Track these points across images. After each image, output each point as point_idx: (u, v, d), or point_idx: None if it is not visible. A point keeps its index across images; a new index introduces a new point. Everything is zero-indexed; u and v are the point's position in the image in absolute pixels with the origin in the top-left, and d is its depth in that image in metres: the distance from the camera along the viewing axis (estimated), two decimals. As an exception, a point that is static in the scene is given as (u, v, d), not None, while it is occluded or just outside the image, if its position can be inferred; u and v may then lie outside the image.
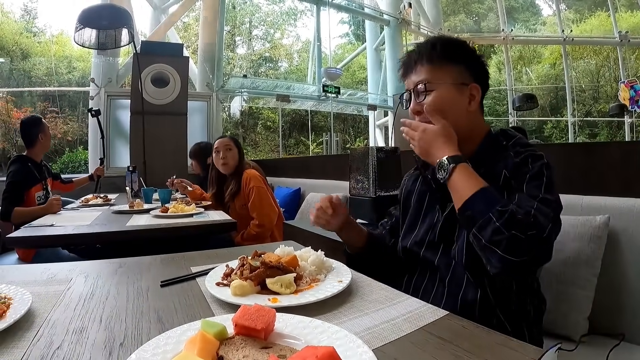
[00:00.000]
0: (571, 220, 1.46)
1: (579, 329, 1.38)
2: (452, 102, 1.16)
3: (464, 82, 1.17)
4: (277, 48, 15.73)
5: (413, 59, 1.22)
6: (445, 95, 1.16)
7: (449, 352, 0.65)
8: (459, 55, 1.19)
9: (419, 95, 1.19)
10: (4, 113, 8.78)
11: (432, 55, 1.18)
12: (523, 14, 16.22)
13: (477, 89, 1.18)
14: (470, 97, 1.18)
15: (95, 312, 0.82)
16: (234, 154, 2.97)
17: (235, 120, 12.82)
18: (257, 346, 0.61)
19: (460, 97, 1.17)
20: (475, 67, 1.21)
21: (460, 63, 1.18)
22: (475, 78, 1.20)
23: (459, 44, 1.22)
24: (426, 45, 1.21)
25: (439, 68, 1.17)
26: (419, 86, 1.18)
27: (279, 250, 1.08)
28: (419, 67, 1.20)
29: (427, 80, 1.17)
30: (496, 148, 1.17)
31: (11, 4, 10.64)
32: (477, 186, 1.01)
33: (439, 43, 1.19)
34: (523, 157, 1.07)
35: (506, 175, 1.08)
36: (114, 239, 2.03)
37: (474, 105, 1.18)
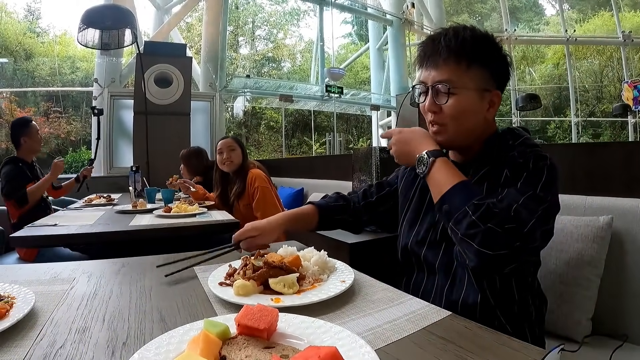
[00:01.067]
0: (574, 221, 1.46)
1: (581, 330, 1.38)
2: (472, 109, 1.10)
3: (487, 88, 1.11)
4: (280, 48, 15.74)
5: (438, 52, 1.10)
6: (467, 101, 1.09)
7: (452, 352, 0.65)
8: (488, 57, 1.11)
9: (437, 94, 1.11)
10: (8, 113, 8.80)
11: (461, 54, 1.08)
12: (526, 14, 16.19)
13: (499, 96, 1.13)
14: (490, 103, 1.12)
15: (98, 311, 0.82)
16: (237, 154, 2.98)
17: (239, 120, 12.84)
18: (259, 346, 0.61)
19: (481, 104, 1.11)
20: (501, 72, 1.13)
21: (487, 66, 1.10)
22: (498, 83, 1.13)
23: (490, 44, 1.12)
24: (456, 39, 1.09)
25: (466, 70, 1.08)
26: (439, 86, 1.09)
27: (282, 250, 1.08)
28: (443, 63, 1.10)
29: (450, 81, 1.08)
30: (502, 147, 1.11)
31: (14, 5, 10.69)
32: (455, 180, 1.00)
33: (470, 39, 1.09)
34: (526, 157, 1.03)
35: (507, 175, 1.04)
36: (117, 238, 2.03)
37: (492, 112, 1.14)
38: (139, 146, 5.23)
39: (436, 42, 1.11)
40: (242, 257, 1.03)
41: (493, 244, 0.88)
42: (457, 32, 1.09)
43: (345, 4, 10.68)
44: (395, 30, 10.57)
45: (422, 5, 10.91)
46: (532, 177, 1.00)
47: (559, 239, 1.44)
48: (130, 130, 5.70)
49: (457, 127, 1.11)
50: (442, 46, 1.09)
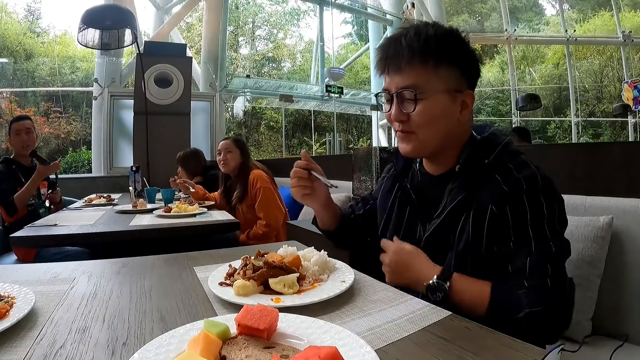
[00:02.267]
0: (574, 221, 1.46)
1: (582, 330, 1.38)
2: (443, 113, 1.01)
3: (458, 88, 1.02)
4: (280, 48, 15.73)
5: (400, 55, 1.00)
6: (438, 105, 1.00)
7: (452, 352, 0.65)
8: (456, 54, 1.01)
9: (403, 102, 1.02)
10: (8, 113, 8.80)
11: (426, 53, 0.98)
12: (526, 14, 16.17)
13: (472, 97, 1.05)
14: (462, 105, 1.04)
15: (99, 311, 0.82)
16: (234, 156, 3.01)
17: (239, 120, 12.82)
18: (259, 346, 0.61)
19: (453, 107, 1.02)
20: (472, 69, 1.05)
21: (456, 64, 1.02)
22: (470, 83, 1.05)
23: (457, 41, 1.03)
24: (418, 37, 0.99)
25: (434, 71, 0.99)
26: (405, 92, 1.00)
27: (282, 251, 1.08)
28: (407, 67, 1.00)
29: (417, 86, 0.99)
30: (479, 164, 1.02)
31: (15, 5, 10.68)
32: (484, 291, 0.93)
33: (434, 39, 0.99)
34: (513, 186, 0.95)
35: (494, 212, 0.96)
36: (117, 238, 2.03)
37: (466, 114, 1.05)
38: (139, 146, 5.23)
39: (397, 43, 1.01)
40: (242, 257, 1.03)
41: (555, 326, 0.91)
42: (418, 30, 1.00)
43: (345, 4, 10.67)
44: (395, 30, 10.56)
45: (422, 5, 10.90)
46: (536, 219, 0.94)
47: (559, 239, 1.44)
48: (130, 130, 5.70)
49: (428, 134, 1.03)
50: (403, 47, 1.00)
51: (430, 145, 1.05)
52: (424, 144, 1.04)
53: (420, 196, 1.15)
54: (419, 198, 1.15)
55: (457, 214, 1.02)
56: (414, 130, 1.03)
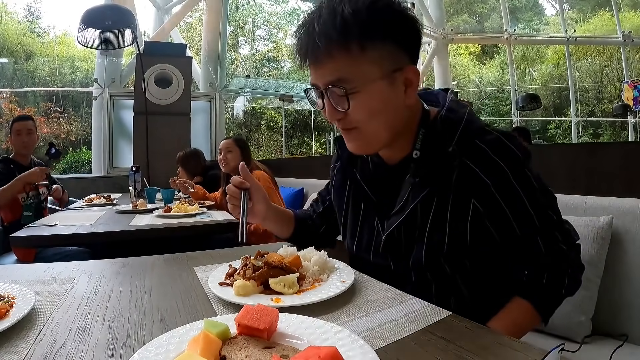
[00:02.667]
0: (574, 221, 1.45)
1: (582, 330, 1.38)
2: (384, 102, 0.87)
3: (396, 67, 0.86)
4: (280, 48, 15.72)
5: (317, 44, 0.83)
6: (374, 96, 0.85)
7: (452, 352, 0.64)
8: (387, 28, 0.84)
9: (336, 99, 0.87)
10: (8, 113, 8.80)
11: (347, 38, 0.82)
12: (526, 14, 16.17)
13: (415, 72, 0.89)
14: (406, 83, 0.89)
15: (99, 311, 0.82)
16: (234, 156, 3.03)
17: (239, 120, 12.82)
18: (259, 346, 0.61)
19: (394, 90, 0.87)
20: (410, 39, 0.88)
21: (388, 39, 0.84)
22: (410, 53, 0.88)
23: (384, 10, 0.84)
24: (333, 22, 0.81)
25: (361, 57, 0.83)
26: (333, 88, 0.86)
27: (282, 251, 1.08)
28: (327, 57, 0.84)
29: (344, 80, 0.84)
30: (440, 151, 0.91)
31: (14, 5, 10.67)
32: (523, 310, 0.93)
33: (352, 17, 0.81)
34: (499, 177, 0.88)
35: (477, 207, 0.90)
36: (117, 238, 2.03)
37: (412, 93, 0.90)
38: (139, 146, 5.24)
39: (310, 29, 0.85)
40: (242, 257, 1.03)
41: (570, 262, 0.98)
42: (332, 11, 0.83)
43: (345, 4, 10.67)
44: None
45: (422, 5, 10.89)
46: (531, 196, 0.91)
47: (559, 239, 1.44)
48: (130, 130, 5.71)
49: (373, 128, 0.90)
50: (317, 34, 0.83)
51: (380, 139, 0.92)
52: (371, 139, 0.92)
53: (375, 188, 1.04)
54: (374, 190, 1.04)
55: (423, 208, 0.93)
56: (355, 126, 0.91)
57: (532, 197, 0.91)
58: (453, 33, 11.42)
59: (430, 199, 0.93)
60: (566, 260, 0.95)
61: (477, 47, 15.91)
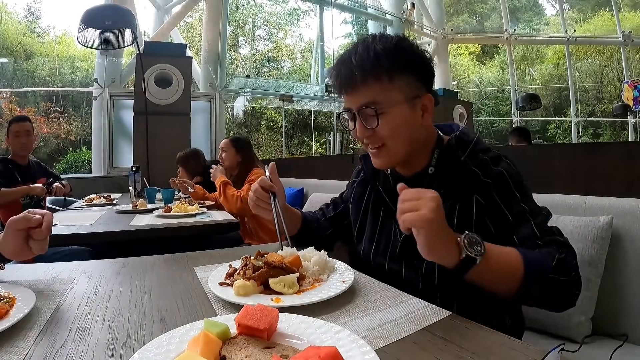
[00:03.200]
0: (574, 221, 1.46)
1: (582, 330, 1.38)
2: (406, 122, 1.04)
3: (416, 94, 1.04)
4: (280, 48, 15.72)
5: (354, 74, 1.03)
6: (399, 116, 1.03)
7: (452, 352, 0.65)
8: (408, 62, 1.04)
9: (366, 118, 1.05)
10: (8, 113, 8.79)
11: (379, 70, 1.01)
12: (526, 14, 16.17)
13: (430, 100, 1.07)
14: (423, 109, 1.06)
15: (99, 311, 0.82)
16: (228, 155, 3.05)
17: (239, 120, 12.82)
18: (259, 346, 0.62)
19: (414, 113, 1.05)
20: (426, 72, 1.08)
21: (410, 72, 1.04)
22: (426, 85, 1.07)
23: (407, 49, 1.04)
24: (368, 56, 1.01)
25: (389, 85, 1.02)
26: (366, 109, 1.03)
27: (282, 251, 1.08)
28: (363, 85, 1.03)
29: (376, 102, 1.02)
30: (453, 161, 1.08)
31: (14, 5, 10.67)
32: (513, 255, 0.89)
33: (383, 53, 1.00)
34: (495, 176, 1.02)
35: (480, 202, 1.02)
36: (117, 238, 2.03)
37: (428, 118, 1.07)
38: (139, 146, 5.24)
39: (348, 62, 1.04)
40: (242, 257, 1.03)
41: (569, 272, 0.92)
42: (366, 48, 1.03)
43: (345, 4, 10.67)
44: (395, 30, 10.55)
45: (422, 5, 10.90)
46: (522, 194, 1.02)
47: (559, 239, 1.44)
48: (130, 130, 5.70)
49: (396, 144, 1.06)
50: (354, 67, 1.02)
51: (400, 154, 1.08)
52: (394, 154, 1.08)
53: (394, 198, 1.07)
54: (392, 200, 1.13)
55: None
56: (382, 143, 1.06)
57: (527, 199, 1.01)
58: (453, 33, 11.43)
59: (443, 200, 0.94)
60: (567, 248, 0.94)
61: (477, 47, 15.92)
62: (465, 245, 0.81)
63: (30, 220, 0.90)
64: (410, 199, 0.81)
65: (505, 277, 0.87)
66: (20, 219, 0.90)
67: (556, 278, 0.87)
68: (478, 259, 0.81)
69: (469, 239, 0.82)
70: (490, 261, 0.83)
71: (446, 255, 0.82)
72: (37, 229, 0.92)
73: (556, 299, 0.92)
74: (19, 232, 0.91)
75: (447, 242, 0.82)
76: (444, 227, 0.82)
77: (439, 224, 0.80)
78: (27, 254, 0.95)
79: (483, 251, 0.82)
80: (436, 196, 0.80)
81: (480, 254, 0.81)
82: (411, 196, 0.82)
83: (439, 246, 0.81)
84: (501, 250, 0.88)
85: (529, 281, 0.85)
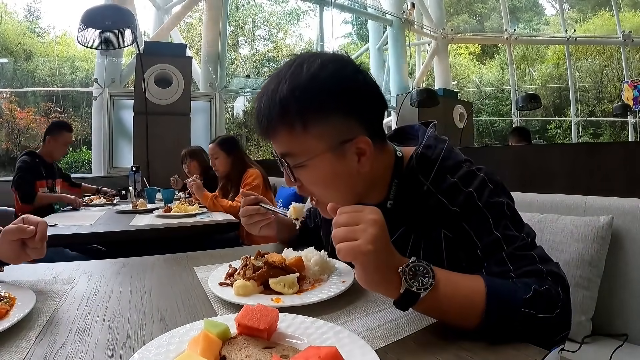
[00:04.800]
0: (575, 221, 1.46)
1: (582, 330, 1.38)
2: (333, 174, 0.86)
3: (344, 138, 0.83)
4: (280, 48, 15.71)
5: (262, 123, 0.85)
6: (321, 168, 0.85)
7: (452, 352, 0.65)
8: (329, 101, 0.82)
9: (286, 170, 0.89)
10: (8, 113, 8.79)
11: (287, 118, 0.81)
12: (526, 14, 16.16)
13: (366, 142, 0.84)
14: (358, 152, 0.85)
15: (99, 311, 0.82)
16: (221, 161, 3.03)
17: (239, 120, 12.81)
18: (259, 346, 0.62)
19: (344, 161, 0.85)
20: (359, 104, 0.85)
21: (334, 111, 0.83)
22: (363, 121, 0.86)
23: (325, 81, 0.81)
24: (273, 103, 0.81)
25: (303, 133, 0.82)
26: (283, 160, 0.87)
27: (285, 252, 1.08)
28: (274, 135, 0.86)
29: (290, 154, 0.85)
30: (415, 192, 0.91)
31: (14, 5, 10.66)
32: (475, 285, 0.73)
33: (292, 96, 0.80)
34: (464, 202, 0.86)
35: (448, 235, 0.88)
36: (117, 238, 2.03)
37: (367, 162, 0.86)
38: (139, 146, 5.23)
39: (258, 106, 0.86)
40: (242, 257, 1.03)
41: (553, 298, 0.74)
42: (275, 88, 0.82)
43: (345, 4, 10.67)
44: (395, 30, 10.56)
45: (422, 5, 10.89)
46: (498, 218, 0.84)
47: (559, 238, 1.44)
48: (130, 130, 5.70)
49: (327, 196, 0.88)
50: (261, 113, 0.85)
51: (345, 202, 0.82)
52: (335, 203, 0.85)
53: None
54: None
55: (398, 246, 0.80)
56: (313, 193, 0.92)
57: (501, 221, 0.83)
58: (453, 33, 11.42)
59: (405, 237, 0.93)
60: (551, 276, 0.77)
61: (477, 47, 15.91)
62: (406, 278, 0.68)
63: (23, 231, 0.90)
64: (345, 224, 0.69)
65: (461, 311, 0.72)
66: (14, 230, 0.90)
67: (532, 314, 0.70)
68: (422, 293, 0.68)
69: (413, 269, 0.69)
70: (439, 293, 0.69)
71: (388, 288, 0.70)
72: (31, 239, 0.91)
73: (535, 337, 0.70)
74: (14, 241, 0.91)
75: (388, 274, 0.69)
76: (386, 257, 0.69)
77: (379, 255, 0.67)
78: (25, 259, 0.95)
79: (431, 283, 0.68)
80: (377, 218, 0.69)
81: (425, 288, 0.68)
82: (346, 220, 0.70)
83: (378, 280, 0.69)
84: (459, 281, 0.74)
85: (491, 317, 0.69)
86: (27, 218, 0.94)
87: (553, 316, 0.71)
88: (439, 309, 0.71)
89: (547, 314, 0.71)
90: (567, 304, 0.75)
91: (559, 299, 0.73)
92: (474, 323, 0.70)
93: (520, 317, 0.70)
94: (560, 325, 0.74)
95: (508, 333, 0.69)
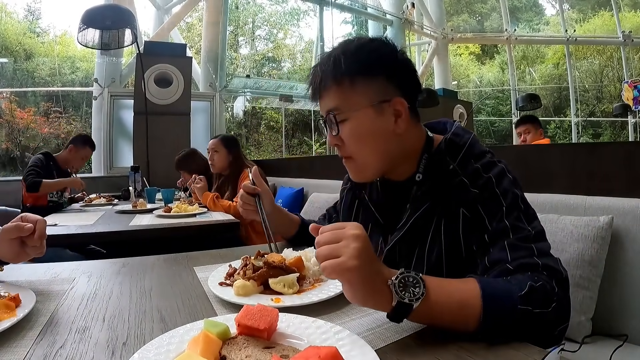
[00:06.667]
0: (575, 221, 1.46)
1: (582, 330, 1.38)
2: (373, 129, 0.96)
3: (384, 98, 0.95)
4: (280, 48, 15.71)
5: (317, 82, 1.00)
6: (363, 122, 0.96)
7: (452, 352, 0.65)
8: (373, 65, 0.96)
9: (330, 125, 0.99)
10: (8, 113, 8.79)
11: (338, 75, 0.96)
12: (526, 14, 16.18)
13: (402, 104, 0.96)
14: (395, 114, 0.96)
15: (99, 311, 0.82)
16: (220, 156, 3.00)
17: (239, 120, 12.82)
18: (259, 346, 0.61)
19: (383, 119, 0.95)
20: (398, 74, 0.98)
21: (377, 74, 0.96)
22: (400, 88, 0.98)
23: (372, 50, 0.97)
24: (328, 61, 0.98)
25: (350, 89, 0.95)
26: (330, 116, 0.98)
27: (286, 252, 1.08)
28: (325, 91, 0.99)
29: (337, 108, 0.96)
30: (442, 169, 0.97)
31: (14, 5, 10.66)
32: (469, 289, 0.73)
33: (343, 56, 0.96)
34: (483, 185, 0.91)
35: (466, 215, 0.92)
36: (117, 238, 2.03)
37: (402, 124, 0.96)
38: (139, 146, 5.24)
39: (315, 70, 1.02)
40: (242, 257, 1.03)
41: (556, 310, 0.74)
42: (330, 54, 0.99)
43: (345, 4, 10.67)
44: (395, 30, 10.56)
45: (422, 5, 10.90)
46: (512, 210, 0.88)
47: (559, 238, 1.44)
48: (130, 130, 5.70)
49: (364, 154, 0.98)
50: (318, 73, 1.00)
51: (371, 167, 1.01)
52: (364, 166, 1.01)
53: (382, 209, 1.11)
54: (381, 211, 1.11)
55: (423, 223, 0.97)
56: (350, 155, 1.00)
57: (513, 211, 0.88)
58: (453, 33, 11.43)
59: (430, 213, 0.97)
60: (548, 271, 0.79)
61: (477, 47, 15.92)
62: (397, 290, 0.68)
63: (22, 229, 0.90)
64: (328, 242, 0.69)
65: (457, 317, 0.71)
66: (12, 228, 0.90)
67: (528, 310, 0.71)
68: (414, 304, 0.67)
69: (403, 280, 0.69)
70: (431, 301, 0.69)
71: (378, 301, 0.69)
72: (30, 237, 0.91)
73: (533, 334, 0.72)
74: (13, 240, 0.91)
75: (377, 287, 0.68)
76: (372, 271, 0.68)
77: (365, 269, 0.67)
78: (25, 258, 0.95)
79: (422, 293, 0.68)
80: (359, 233, 0.69)
81: (417, 298, 0.67)
82: (328, 238, 0.70)
83: (367, 295, 0.68)
84: (451, 287, 0.74)
85: (489, 318, 0.69)
86: (25, 216, 0.94)
87: (549, 310, 0.73)
88: (434, 317, 0.71)
89: (544, 309, 0.72)
90: (564, 297, 0.76)
91: (553, 293, 0.75)
92: (472, 326, 0.70)
93: (517, 314, 0.70)
94: (558, 319, 0.75)
95: (507, 331, 0.70)
